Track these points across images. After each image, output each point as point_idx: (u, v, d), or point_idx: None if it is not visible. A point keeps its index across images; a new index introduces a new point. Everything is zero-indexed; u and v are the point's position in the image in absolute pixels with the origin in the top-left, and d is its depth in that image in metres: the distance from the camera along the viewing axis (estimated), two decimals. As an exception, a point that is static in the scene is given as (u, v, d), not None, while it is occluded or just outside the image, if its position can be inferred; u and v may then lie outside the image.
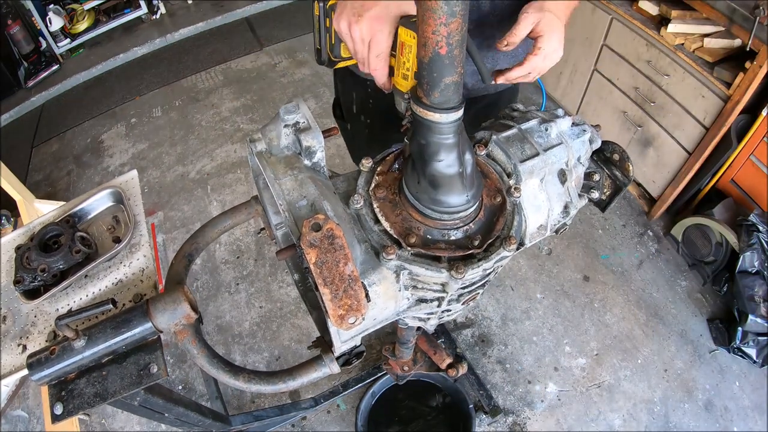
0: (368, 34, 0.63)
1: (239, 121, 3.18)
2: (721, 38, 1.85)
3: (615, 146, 0.79)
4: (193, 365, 2.10)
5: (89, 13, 3.84)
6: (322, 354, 0.70)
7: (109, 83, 3.71)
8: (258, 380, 0.72)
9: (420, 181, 0.59)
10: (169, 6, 4.18)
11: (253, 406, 1.98)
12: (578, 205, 0.74)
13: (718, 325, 2.07)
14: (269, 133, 0.65)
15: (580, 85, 2.58)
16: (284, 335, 2.16)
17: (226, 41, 3.90)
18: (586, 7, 2.31)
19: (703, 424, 1.87)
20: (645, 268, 2.29)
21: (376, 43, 0.63)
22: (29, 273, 0.90)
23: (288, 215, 0.57)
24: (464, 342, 2.09)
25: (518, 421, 1.89)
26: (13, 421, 1.99)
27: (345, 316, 0.51)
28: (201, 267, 2.42)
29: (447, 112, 0.52)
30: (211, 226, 0.88)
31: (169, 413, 1.06)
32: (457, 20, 0.45)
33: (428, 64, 0.50)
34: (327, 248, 0.50)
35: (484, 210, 0.64)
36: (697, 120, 1.98)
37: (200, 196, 2.76)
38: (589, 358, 2.03)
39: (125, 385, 0.76)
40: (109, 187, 1.07)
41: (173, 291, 0.70)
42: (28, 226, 1.04)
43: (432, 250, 0.59)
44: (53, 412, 0.74)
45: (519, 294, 2.23)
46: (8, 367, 0.86)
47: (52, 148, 3.24)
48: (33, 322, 0.91)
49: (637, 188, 2.52)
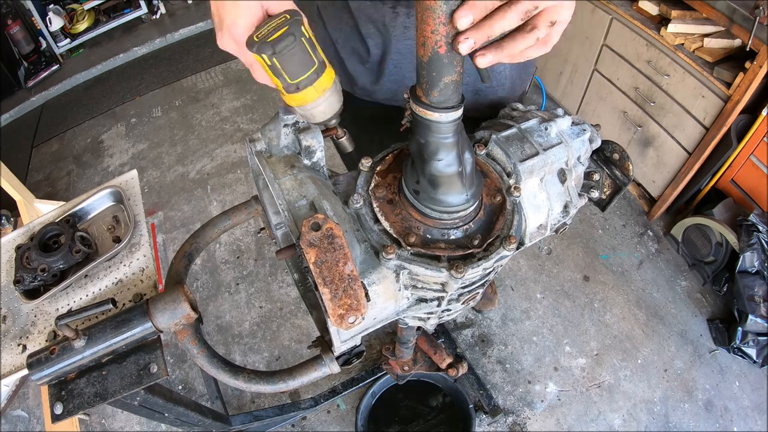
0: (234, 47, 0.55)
1: (239, 121, 3.18)
2: (721, 38, 1.85)
3: (615, 146, 0.79)
4: (193, 365, 2.10)
5: (89, 13, 3.84)
6: (321, 354, 0.70)
7: (109, 83, 3.71)
8: (258, 380, 0.72)
9: (419, 180, 0.59)
10: (169, 6, 4.18)
11: (253, 406, 1.98)
12: (578, 205, 0.74)
13: (718, 325, 2.07)
14: (269, 132, 0.65)
15: (580, 84, 2.58)
16: (284, 335, 2.16)
17: (226, 41, 3.90)
18: (586, 7, 2.31)
19: (703, 424, 1.87)
20: (645, 268, 2.29)
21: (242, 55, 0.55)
22: (29, 273, 0.90)
23: (287, 215, 0.57)
24: (464, 342, 2.09)
25: (518, 421, 1.89)
26: (13, 421, 1.99)
27: (345, 315, 0.51)
28: (201, 267, 2.42)
29: (446, 111, 0.52)
30: (211, 226, 0.88)
31: (169, 413, 1.06)
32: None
33: (427, 63, 0.49)
34: (326, 248, 0.50)
35: (483, 209, 0.64)
36: (697, 120, 1.98)
37: (200, 196, 2.76)
38: (589, 358, 2.03)
39: (125, 385, 0.76)
40: (109, 187, 1.07)
41: (173, 291, 0.70)
42: (28, 226, 1.05)
43: (432, 250, 0.59)
44: (53, 411, 0.74)
45: (519, 294, 2.23)
46: (8, 367, 0.86)
47: (52, 148, 3.24)
48: (33, 321, 0.91)
49: (637, 188, 2.52)
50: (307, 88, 0.54)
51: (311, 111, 0.57)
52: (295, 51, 0.50)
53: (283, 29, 0.49)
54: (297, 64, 0.51)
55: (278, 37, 0.49)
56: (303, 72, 0.52)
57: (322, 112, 0.58)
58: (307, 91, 0.54)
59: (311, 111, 0.57)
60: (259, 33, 0.50)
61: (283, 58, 0.50)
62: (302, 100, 0.55)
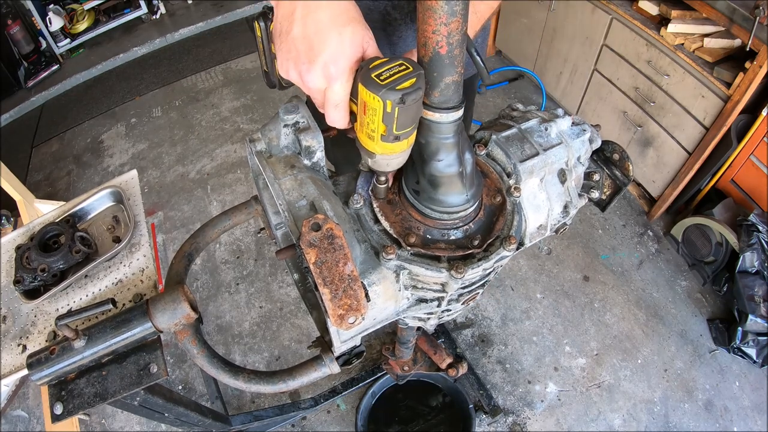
0: (323, 83, 0.51)
1: (239, 121, 3.18)
2: (721, 38, 1.85)
3: (615, 146, 0.79)
4: (193, 365, 2.10)
5: (89, 13, 3.84)
6: (321, 354, 0.70)
7: (109, 83, 3.70)
8: (258, 380, 0.72)
9: (420, 180, 0.59)
10: (169, 6, 4.18)
11: (253, 406, 1.98)
12: (578, 205, 0.74)
13: (718, 325, 2.07)
14: (269, 132, 0.64)
15: (580, 85, 2.58)
16: (284, 335, 2.16)
17: (226, 41, 3.90)
18: (586, 7, 2.31)
19: (703, 424, 1.87)
20: (645, 268, 2.29)
21: (332, 94, 0.51)
22: (29, 273, 0.90)
23: (287, 215, 0.57)
24: (464, 342, 2.09)
25: (518, 421, 1.89)
26: (13, 421, 1.99)
27: (345, 315, 0.51)
28: (201, 267, 2.42)
29: (447, 111, 0.52)
30: (211, 226, 0.88)
31: (169, 413, 1.06)
32: (457, 19, 0.46)
33: (428, 63, 0.49)
34: (326, 248, 0.50)
35: (483, 210, 0.64)
36: (697, 120, 1.98)
37: (200, 196, 2.76)
38: (589, 358, 2.03)
39: (125, 385, 0.76)
40: (109, 187, 1.07)
41: (173, 291, 0.70)
42: (28, 226, 1.04)
43: (432, 250, 0.59)
44: (53, 412, 0.74)
45: (519, 294, 2.23)
46: (8, 367, 0.86)
47: (52, 148, 3.24)
48: (33, 322, 0.91)
49: (637, 188, 2.52)
50: (404, 140, 0.52)
51: (389, 161, 0.56)
52: (417, 105, 0.49)
53: (411, 80, 0.47)
54: (410, 117, 0.50)
55: (409, 87, 0.46)
56: (410, 125, 0.51)
57: (397, 163, 0.57)
58: (401, 143, 0.52)
59: (389, 161, 0.56)
60: (378, 74, 0.47)
61: (405, 109, 0.48)
62: (392, 150, 0.53)
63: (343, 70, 0.49)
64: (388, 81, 0.46)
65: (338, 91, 0.51)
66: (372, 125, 0.50)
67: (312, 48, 0.49)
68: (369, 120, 0.50)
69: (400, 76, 0.47)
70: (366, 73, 0.47)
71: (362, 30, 0.50)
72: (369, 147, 0.54)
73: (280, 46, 0.53)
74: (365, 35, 0.50)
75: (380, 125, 0.50)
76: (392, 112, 0.48)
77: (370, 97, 0.47)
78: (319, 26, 0.48)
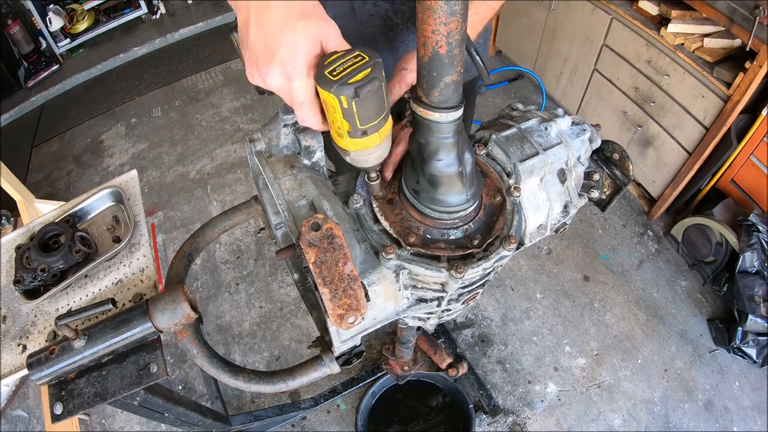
0: (284, 83, 0.49)
1: (239, 121, 3.18)
2: (721, 38, 1.85)
3: (615, 146, 0.79)
4: (193, 365, 2.10)
5: (89, 13, 3.84)
6: (321, 354, 0.70)
7: (109, 83, 3.71)
8: (258, 380, 0.72)
9: (419, 180, 0.59)
10: (169, 6, 4.18)
11: (253, 406, 1.98)
12: (578, 205, 0.74)
13: (718, 325, 2.07)
14: (268, 132, 0.64)
15: (580, 85, 2.58)
16: (284, 335, 2.16)
17: (226, 41, 3.86)
18: (586, 7, 2.31)
19: (703, 424, 1.87)
20: (645, 268, 2.29)
21: (295, 93, 0.50)
22: (29, 273, 0.90)
23: (287, 215, 0.57)
24: (464, 342, 2.09)
25: (518, 421, 1.88)
26: (13, 421, 1.99)
27: (344, 315, 0.51)
28: (201, 267, 2.42)
29: (447, 111, 0.52)
30: (211, 226, 0.88)
31: (169, 413, 1.06)
32: (456, 19, 0.45)
33: (428, 63, 0.49)
34: (326, 248, 0.50)
35: (483, 209, 0.64)
36: (697, 120, 1.98)
37: (200, 196, 2.76)
38: (589, 358, 2.03)
39: (125, 385, 0.76)
40: (109, 187, 1.07)
41: (173, 291, 0.70)
42: (28, 226, 1.05)
43: (431, 250, 0.59)
44: (53, 411, 0.74)
45: (519, 294, 2.23)
46: (8, 367, 0.86)
47: (52, 148, 3.24)
48: (33, 322, 0.91)
49: (637, 188, 2.52)
50: (373, 134, 0.51)
51: (366, 156, 0.55)
52: (376, 96, 0.47)
53: (365, 71, 0.45)
54: (372, 110, 0.48)
55: (362, 79, 0.45)
56: (375, 118, 0.49)
57: (375, 158, 0.56)
58: (372, 137, 0.51)
59: (366, 156, 0.55)
60: (332, 71, 0.46)
61: (362, 103, 0.46)
62: (363, 145, 0.52)
63: (300, 67, 0.48)
64: (341, 76, 0.45)
65: (300, 90, 0.49)
66: (337, 123, 0.49)
67: (268, 49, 0.48)
68: (332, 118, 0.49)
69: (353, 69, 0.46)
70: (320, 69, 0.46)
71: (318, 23, 0.48)
72: (341, 145, 0.53)
73: (243, 53, 0.52)
74: (322, 28, 0.48)
75: (343, 122, 0.49)
76: (349, 107, 0.47)
77: (325, 94, 0.46)
78: (272, 27, 0.47)
